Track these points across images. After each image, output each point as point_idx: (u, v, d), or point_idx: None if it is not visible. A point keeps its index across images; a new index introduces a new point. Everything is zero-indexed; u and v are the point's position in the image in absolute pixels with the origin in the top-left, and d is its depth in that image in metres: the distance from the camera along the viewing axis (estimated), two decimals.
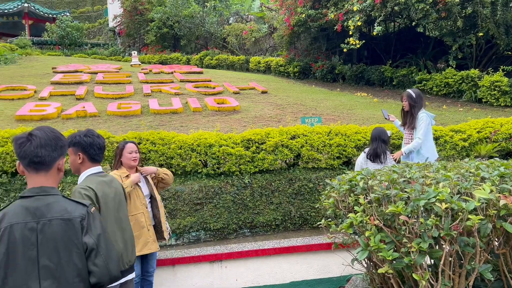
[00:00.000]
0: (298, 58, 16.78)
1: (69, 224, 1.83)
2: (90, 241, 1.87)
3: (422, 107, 5.30)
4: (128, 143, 4.06)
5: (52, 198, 1.88)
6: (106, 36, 30.01)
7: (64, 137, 2.01)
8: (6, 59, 17.16)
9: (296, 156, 5.98)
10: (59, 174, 2.00)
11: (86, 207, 1.93)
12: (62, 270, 1.81)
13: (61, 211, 1.84)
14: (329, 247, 4.86)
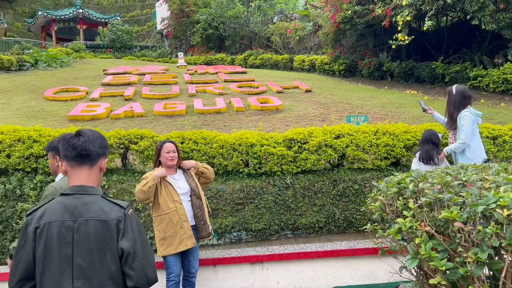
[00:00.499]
0: (344, 56, 16.38)
1: (105, 226, 1.82)
2: (126, 245, 1.84)
3: (466, 105, 4.85)
4: (166, 142, 4.07)
5: (91, 197, 1.88)
6: (154, 39, 30.93)
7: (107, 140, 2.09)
8: (62, 63, 18.10)
9: (340, 157, 5.78)
10: (100, 174, 2.02)
11: (123, 209, 1.89)
12: (94, 271, 1.80)
13: (98, 212, 1.83)
14: (376, 252, 4.63)
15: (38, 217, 1.83)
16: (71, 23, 29.66)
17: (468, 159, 4.68)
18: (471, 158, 4.65)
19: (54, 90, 12.24)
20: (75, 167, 1.92)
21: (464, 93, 4.90)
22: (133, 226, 1.89)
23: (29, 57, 17.46)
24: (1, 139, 5.20)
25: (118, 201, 1.94)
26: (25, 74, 15.52)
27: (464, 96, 4.88)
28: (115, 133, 5.53)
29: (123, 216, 1.86)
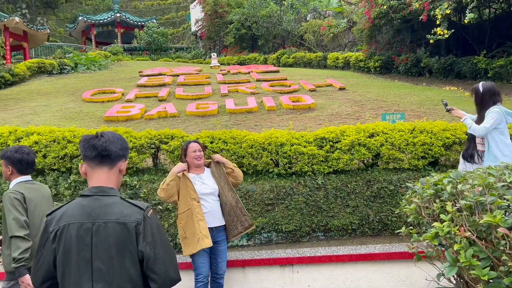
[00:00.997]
0: (379, 52, 15.92)
1: (124, 229, 1.78)
2: (146, 249, 1.80)
3: (496, 102, 4.49)
4: (191, 142, 4.04)
5: (110, 199, 1.85)
6: (188, 40, 31.37)
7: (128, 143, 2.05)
8: (100, 65, 18.67)
9: (375, 156, 5.56)
10: (120, 177, 1.99)
11: (142, 211, 1.84)
12: (114, 275, 1.77)
13: (117, 214, 1.80)
14: (411, 256, 4.39)
15: (58, 219, 1.82)
16: (110, 27, 30.58)
17: (496, 158, 4.36)
18: (498, 157, 4.33)
19: (91, 92, 12.61)
20: (95, 167, 1.90)
21: (492, 90, 4.53)
22: (153, 228, 1.84)
23: (70, 61, 18.12)
24: (38, 139, 5.36)
25: (138, 203, 1.90)
26: (65, 77, 16.11)
27: (493, 93, 4.52)
28: (146, 133, 5.57)
29: (142, 218, 1.82)
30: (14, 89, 13.93)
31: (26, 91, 13.22)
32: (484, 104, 4.50)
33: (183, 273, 4.35)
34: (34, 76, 16.23)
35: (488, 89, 4.53)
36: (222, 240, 4.04)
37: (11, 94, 12.95)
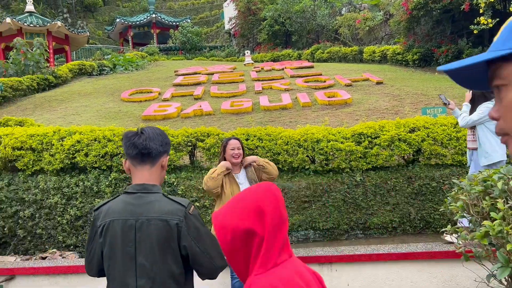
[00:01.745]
0: (418, 45, 15.39)
1: (166, 226, 1.79)
2: (191, 245, 1.81)
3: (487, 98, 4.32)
4: (231, 139, 4.00)
5: (152, 196, 1.86)
6: (222, 39, 31.58)
7: (168, 138, 2.02)
8: (137, 66, 19.13)
9: (416, 152, 5.36)
10: (162, 172, 1.99)
11: (184, 208, 1.85)
12: (157, 271, 1.80)
13: (159, 211, 1.81)
14: (457, 256, 4.20)
15: (104, 214, 1.87)
16: (146, 28, 31.26)
17: (487, 154, 4.24)
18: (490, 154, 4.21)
19: (129, 92, 12.93)
20: (137, 165, 1.91)
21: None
22: (195, 224, 1.85)
23: (108, 62, 18.68)
24: (80, 138, 5.53)
25: (180, 199, 1.90)
26: (104, 78, 16.63)
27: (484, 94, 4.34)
28: (183, 131, 5.63)
29: (183, 216, 1.83)
30: (57, 90, 14.52)
31: (68, 92, 13.74)
32: (476, 100, 4.38)
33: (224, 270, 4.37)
34: (76, 77, 16.85)
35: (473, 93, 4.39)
36: None
37: (55, 95, 13.50)
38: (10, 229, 5.38)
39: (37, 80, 14.87)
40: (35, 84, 14.66)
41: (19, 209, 5.38)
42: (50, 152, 5.50)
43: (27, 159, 5.49)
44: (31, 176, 5.55)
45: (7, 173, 5.64)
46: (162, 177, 2.00)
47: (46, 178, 5.44)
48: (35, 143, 5.54)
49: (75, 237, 5.40)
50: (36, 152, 5.55)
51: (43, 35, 18.16)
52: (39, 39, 15.87)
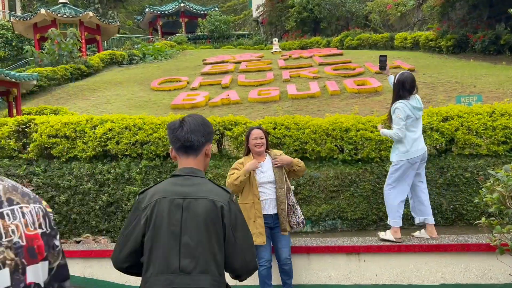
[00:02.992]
0: (452, 30, 14.83)
1: (212, 206, 1.80)
2: (228, 231, 1.82)
3: (404, 96, 4.20)
4: (254, 129, 3.98)
5: (199, 179, 1.89)
6: (250, 27, 31.42)
7: (211, 125, 2.01)
8: (166, 55, 19.34)
9: (448, 141, 5.20)
10: (206, 160, 2.01)
11: (229, 194, 1.88)
12: (201, 251, 1.79)
13: (207, 192, 1.84)
14: (490, 248, 4.07)
15: (150, 196, 1.87)
16: (174, 17, 31.45)
17: (402, 154, 4.18)
18: (402, 152, 4.18)
19: (159, 81, 13.12)
20: (182, 156, 1.95)
21: (406, 81, 4.24)
22: (236, 212, 1.87)
23: (138, 52, 18.98)
24: (111, 127, 5.67)
25: (224, 186, 1.95)
26: (134, 67, 16.92)
27: (404, 84, 4.23)
28: (211, 120, 5.67)
29: (228, 201, 1.85)
30: (89, 79, 14.90)
31: (100, 82, 14.08)
32: (394, 96, 4.32)
33: None
34: (107, 67, 17.23)
35: (402, 80, 4.28)
36: (277, 225, 4.00)
37: (87, 84, 13.87)
38: None
39: (70, 69, 15.30)
40: (68, 74, 15.10)
41: (55, 195, 5.59)
42: (83, 139, 5.67)
43: (61, 147, 5.68)
44: (66, 163, 5.74)
45: (43, 160, 5.85)
46: (207, 164, 2.03)
47: (80, 165, 5.62)
48: (69, 131, 5.72)
49: (107, 222, 5.57)
50: (70, 140, 5.72)
51: (75, 25, 18.59)
52: (72, 30, 16.28)
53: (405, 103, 4.20)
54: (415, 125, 4.27)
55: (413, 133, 4.24)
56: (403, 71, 4.48)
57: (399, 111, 4.16)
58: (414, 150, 4.22)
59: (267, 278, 3.99)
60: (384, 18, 20.15)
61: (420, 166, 4.34)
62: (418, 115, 4.26)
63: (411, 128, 4.24)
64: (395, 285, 4.37)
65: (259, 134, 3.94)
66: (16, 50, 22.88)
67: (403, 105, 4.17)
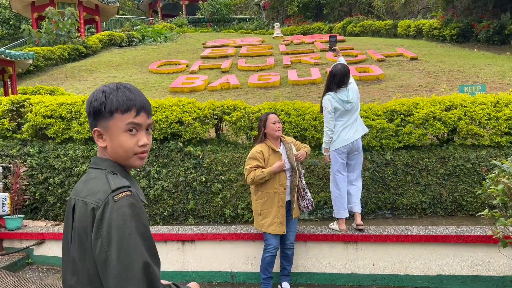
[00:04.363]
0: (457, 19, 14.61)
1: (83, 210, 1.31)
2: (97, 245, 1.26)
3: (332, 88, 4.25)
4: (270, 114, 3.90)
5: (94, 172, 1.41)
6: (251, 11, 31.01)
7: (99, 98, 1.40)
8: (166, 37, 19.07)
9: (451, 131, 5.11)
10: (102, 143, 1.43)
11: (110, 191, 1.29)
12: (80, 267, 1.35)
13: (88, 190, 1.35)
14: (490, 240, 4.02)
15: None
16: None
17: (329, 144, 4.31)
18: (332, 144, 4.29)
19: (157, 63, 12.93)
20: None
21: (338, 73, 4.25)
22: (112, 218, 1.26)
23: (137, 33, 18.69)
24: None
25: (117, 181, 1.34)
26: (133, 49, 16.67)
27: (336, 76, 4.25)
28: (210, 104, 5.56)
29: (103, 201, 1.28)
30: (87, 60, 14.68)
31: (98, 63, 13.87)
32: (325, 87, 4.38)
33: (249, 244, 4.36)
34: (105, 48, 16.98)
35: (335, 71, 4.29)
36: (289, 210, 3.97)
37: (85, 65, 13.66)
38: (41, 195, 5.52)
39: (68, 50, 15.07)
40: (66, 54, 14.87)
41: (49, 176, 5.50)
42: (79, 121, 5.55)
43: (56, 127, 5.57)
44: (61, 144, 5.64)
45: (38, 141, 5.75)
46: (112, 150, 1.41)
47: (75, 147, 5.52)
48: (64, 111, 5.60)
49: None
50: (66, 121, 5.61)
51: (74, 5, 18.27)
52: (71, 9, 15.98)
53: (332, 95, 4.26)
54: (344, 116, 4.30)
55: (341, 122, 4.30)
56: (337, 63, 4.49)
57: (326, 104, 4.25)
58: (341, 140, 4.27)
59: (269, 266, 3.95)
60: (388, 5, 19.88)
61: (352, 157, 4.34)
62: (347, 107, 4.27)
63: (339, 118, 4.30)
64: (392, 275, 4.32)
65: (277, 118, 3.90)
66: (14, 29, 22.55)
67: (330, 97, 4.25)
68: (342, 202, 4.33)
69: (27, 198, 5.42)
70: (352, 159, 4.36)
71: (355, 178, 4.42)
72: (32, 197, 5.48)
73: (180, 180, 5.18)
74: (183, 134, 5.28)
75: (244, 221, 5.09)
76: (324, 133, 4.30)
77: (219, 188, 5.13)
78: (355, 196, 4.41)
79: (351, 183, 4.41)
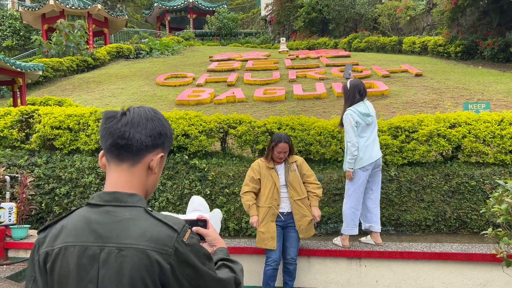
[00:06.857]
0: (462, 36, 14.70)
1: (145, 261, 1.10)
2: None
3: (355, 102, 4.30)
4: (282, 143, 4.01)
5: (128, 211, 1.18)
6: (258, 25, 31.34)
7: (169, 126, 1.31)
8: (173, 50, 19.30)
9: (455, 148, 5.14)
10: (150, 177, 1.27)
11: (176, 234, 1.14)
12: None
13: (136, 236, 1.13)
14: (494, 259, 4.01)
15: (52, 238, 1.19)
16: (183, 12, 31.38)
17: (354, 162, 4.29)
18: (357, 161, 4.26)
19: (164, 76, 13.08)
20: (111, 162, 1.26)
21: (358, 88, 4.34)
22: (190, 262, 1.14)
23: (145, 46, 18.94)
24: None
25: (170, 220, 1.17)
26: (141, 61, 16.88)
27: (358, 92, 4.33)
28: (216, 118, 5.62)
29: (173, 247, 1.12)
30: (95, 72, 14.88)
31: (105, 75, 14.05)
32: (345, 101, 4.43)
33: (253, 258, 4.38)
34: (113, 60, 17.20)
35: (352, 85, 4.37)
36: (292, 226, 4.07)
37: (93, 77, 13.84)
38: (46, 205, 5.57)
39: (77, 61, 15.29)
40: (74, 65, 15.08)
41: (56, 187, 5.56)
42: (86, 132, 5.63)
43: (64, 138, 5.65)
44: (68, 155, 5.71)
45: (45, 151, 5.82)
46: (152, 185, 1.30)
47: (82, 158, 5.58)
48: (72, 123, 5.68)
49: None
50: (73, 132, 5.69)
51: (83, 17, 18.58)
52: (80, 21, 16.27)
53: (353, 109, 4.30)
54: (366, 130, 4.33)
55: (364, 139, 4.31)
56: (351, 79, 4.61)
57: (348, 119, 4.27)
58: (367, 157, 4.27)
59: (270, 280, 3.98)
60: (394, 22, 20.04)
61: (374, 173, 4.34)
62: (367, 121, 4.31)
63: (361, 134, 4.32)
64: None
65: (284, 149, 4.04)
66: (24, 40, 22.92)
67: (352, 112, 4.29)
68: (355, 220, 4.34)
69: (33, 208, 5.47)
70: (374, 175, 4.38)
71: (376, 196, 4.44)
72: (38, 207, 5.53)
73: (185, 193, 5.22)
74: (189, 147, 5.34)
75: (247, 235, 5.10)
76: (347, 150, 4.26)
77: (224, 201, 5.16)
78: (376, 215, 4.42)
79: (374, 202, 4.41)
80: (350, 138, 4.23)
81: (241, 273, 1.31)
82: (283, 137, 4.02)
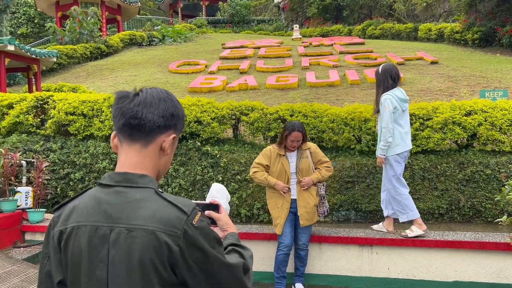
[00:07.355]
0: (480, 23, 14.35)
1: (154, 242, 1.10)
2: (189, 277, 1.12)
3: (388, 87, 4.15)
4: (295, 131, 3.97)
5: (138, 192, 1.17)
6: (271, 12, 31.03)
7: (180, 107, 1.29)
8: (186, 38, 19.27)
9: (470, 136, 5.06)
10: (163, 158, 1.26)
11: (185, 216, 1.13)
12: None
13: (146, 217, 1.12)
14: (509, 248, 3.97)
15: (64, 218, 1.20)
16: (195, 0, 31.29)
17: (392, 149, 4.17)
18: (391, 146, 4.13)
19: (177, 63, 13.08)
20: (123, 142, 1.25)
21: (389, 72, 4.20)
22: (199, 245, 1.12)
23: (158, 33, 18.94)
24: None
25: (180, 202, 1.16)
26: (153, 49, 16.91)
27: (389, 75, 4.19)
28: (228, 104, 5.62)
29: (182, 228, 1.11)
30: (108, 59, 14.95)
31: (119, 62, 14.11)
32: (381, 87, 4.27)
33: (265, 243, 4.42)
34: (126, 47, 17.26)
35: (385, 70, 4.26)
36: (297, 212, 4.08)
37: (106, 64, 13.92)
38: (62, 190, 5.66)
39: (90, 48, 15.37)
40: (88, 53, 15.18)
41: (70, 172, 5.64)
42: (100, 118, 5.68)
43: (78, 124, 5.71)
44: (82, 140, 5.78)
45: (60, 137, 5.90)
46: (164, 166, 1.29)
47: (96, 144, 5.65)
48: (86, 109, 5.74)
49: None
50: (87, 118, 5.75)
51: (97, 4, 18.61)
52: (94, 9, 16.30)
53: (391, 94, 4.16)
54: (402, 117, 4.22)
55: (402, 127, 4.20)
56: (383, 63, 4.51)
57: (387, 103, 4.12)
58: (404, 145, 4.19)
59: (282, 265, 4.02)
60: (409, 8, 19.66)
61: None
62: (404, 107, 4.21)
63: (399, 121, 4.19)
64: (407, 279, 4.30)
65: (298, 138, 4.02)
66: (38, 28, 23.11)
67: (391, 97, 4.14)
68: (412, 202, 4.24)
69: (49, 192, 5.57)
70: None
71: None
72: (53, 191, 5.63)
73: (197, 179, 5.26)
74: (201, 134, 5.35)
75: (259, 221, 5.12)
76: (382, 135, 4.14)
77: (236, 188, 5.18)
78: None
79: None
80: (387, 124, 4.09)
81: (251, 259, 1.30)
82: (297, 126, 3.98)
